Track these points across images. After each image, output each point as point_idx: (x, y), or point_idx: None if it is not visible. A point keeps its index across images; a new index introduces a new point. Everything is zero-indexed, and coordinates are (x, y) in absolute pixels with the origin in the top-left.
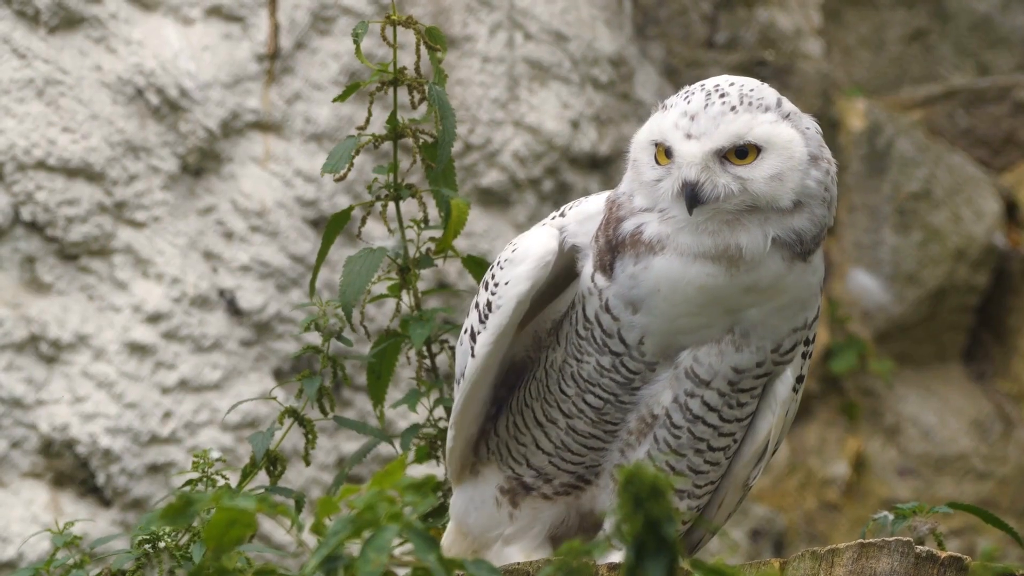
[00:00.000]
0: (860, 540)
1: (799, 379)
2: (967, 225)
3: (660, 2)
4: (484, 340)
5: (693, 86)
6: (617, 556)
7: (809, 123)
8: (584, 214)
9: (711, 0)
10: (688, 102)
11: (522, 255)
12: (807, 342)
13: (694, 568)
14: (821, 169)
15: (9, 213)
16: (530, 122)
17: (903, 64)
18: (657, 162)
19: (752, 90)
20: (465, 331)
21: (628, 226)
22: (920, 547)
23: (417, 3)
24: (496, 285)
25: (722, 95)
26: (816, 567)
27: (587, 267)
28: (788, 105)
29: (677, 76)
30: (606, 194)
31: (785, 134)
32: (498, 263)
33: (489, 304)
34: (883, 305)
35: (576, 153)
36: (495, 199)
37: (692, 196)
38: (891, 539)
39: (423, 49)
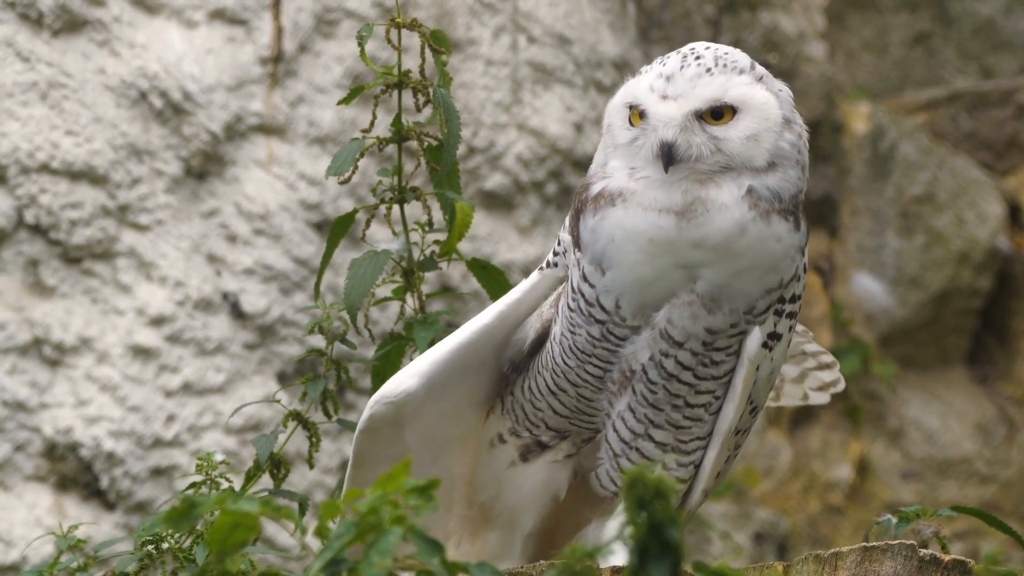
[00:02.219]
0: (863, 543)
1: (773, 336)
2: (970, 228)
3: (664, 5)
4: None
5: (668, 53)
6: (620, 559)
7: (782, 87)
8: None
9: (715, 3)
10: (664, 65)
11: (377, 395)
12: (783, 300)
13: (697, 571)
14: (794, 132)
15: (12, 216)
16: (533, 125)
17: (906, 67)
18: (631, 124)
19: (727, 53)
20: None
21: (595, 188)
22: (924, 550)
23: (420, 6)
24: None
25: (697, 57)
26: (819, 570)
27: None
28: (760, 69)
29: None
30: None
31: (760, 95)
32: None
33: None
34: (886, 308)
35: (579, 156)
36: (498, 202)
37: (668, 155)
38: (895, 542)
39: (427, 52)
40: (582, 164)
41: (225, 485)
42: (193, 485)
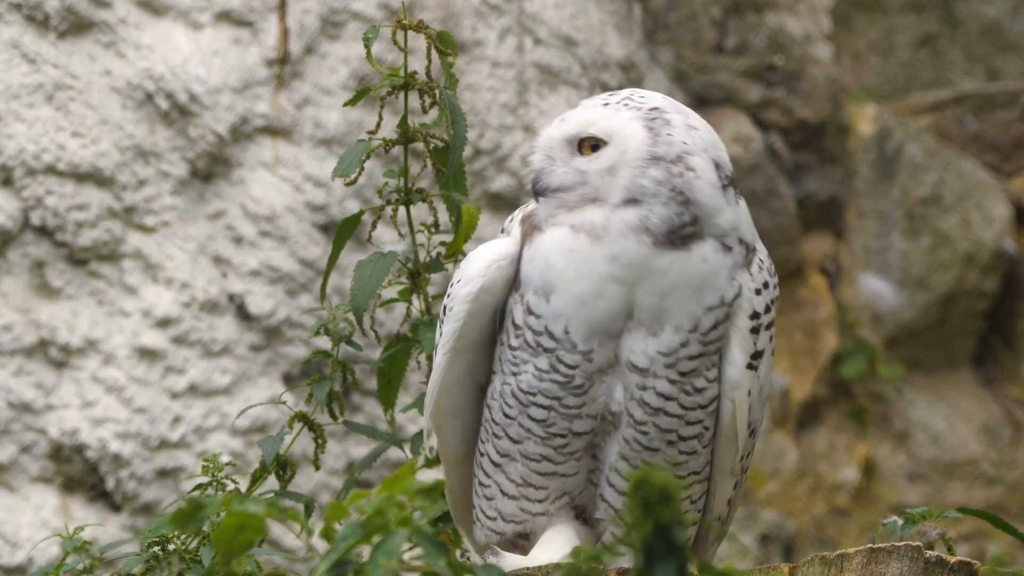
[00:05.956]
0: (870, 545)
1: (757, 355)
2: (976, 230)
3: (670, 7)
4: (440, 351)
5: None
6: (626, 560)
7: (679, 133)
8: None
9: (721, 5)
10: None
11: (475, 256)
12: (755, 315)
13: (703, 573)
14: (666, 171)
15: (19, 218)
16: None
17: (912, 69)
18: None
19: (642, 97)
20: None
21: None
22: (930, 552)
23: (426, 8)
24: (450, 295)
25: (612, 94)
26: (825, 572)
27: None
28: (673, 114)
29: (687, 81)
30: None
31: (627, 129)
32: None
33: (445, 309)
34: (898, 307)
35: None
36: (504, 204)
37: (534, 183)
38: (900, 544)
39: (433, 54)
40: None
41: (231, 487)
42: (199, 486)
